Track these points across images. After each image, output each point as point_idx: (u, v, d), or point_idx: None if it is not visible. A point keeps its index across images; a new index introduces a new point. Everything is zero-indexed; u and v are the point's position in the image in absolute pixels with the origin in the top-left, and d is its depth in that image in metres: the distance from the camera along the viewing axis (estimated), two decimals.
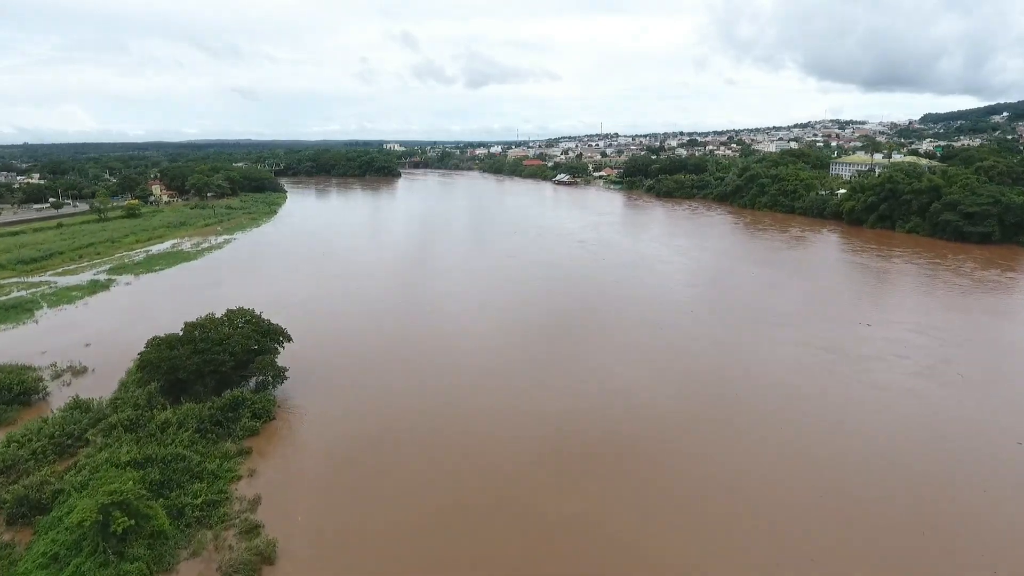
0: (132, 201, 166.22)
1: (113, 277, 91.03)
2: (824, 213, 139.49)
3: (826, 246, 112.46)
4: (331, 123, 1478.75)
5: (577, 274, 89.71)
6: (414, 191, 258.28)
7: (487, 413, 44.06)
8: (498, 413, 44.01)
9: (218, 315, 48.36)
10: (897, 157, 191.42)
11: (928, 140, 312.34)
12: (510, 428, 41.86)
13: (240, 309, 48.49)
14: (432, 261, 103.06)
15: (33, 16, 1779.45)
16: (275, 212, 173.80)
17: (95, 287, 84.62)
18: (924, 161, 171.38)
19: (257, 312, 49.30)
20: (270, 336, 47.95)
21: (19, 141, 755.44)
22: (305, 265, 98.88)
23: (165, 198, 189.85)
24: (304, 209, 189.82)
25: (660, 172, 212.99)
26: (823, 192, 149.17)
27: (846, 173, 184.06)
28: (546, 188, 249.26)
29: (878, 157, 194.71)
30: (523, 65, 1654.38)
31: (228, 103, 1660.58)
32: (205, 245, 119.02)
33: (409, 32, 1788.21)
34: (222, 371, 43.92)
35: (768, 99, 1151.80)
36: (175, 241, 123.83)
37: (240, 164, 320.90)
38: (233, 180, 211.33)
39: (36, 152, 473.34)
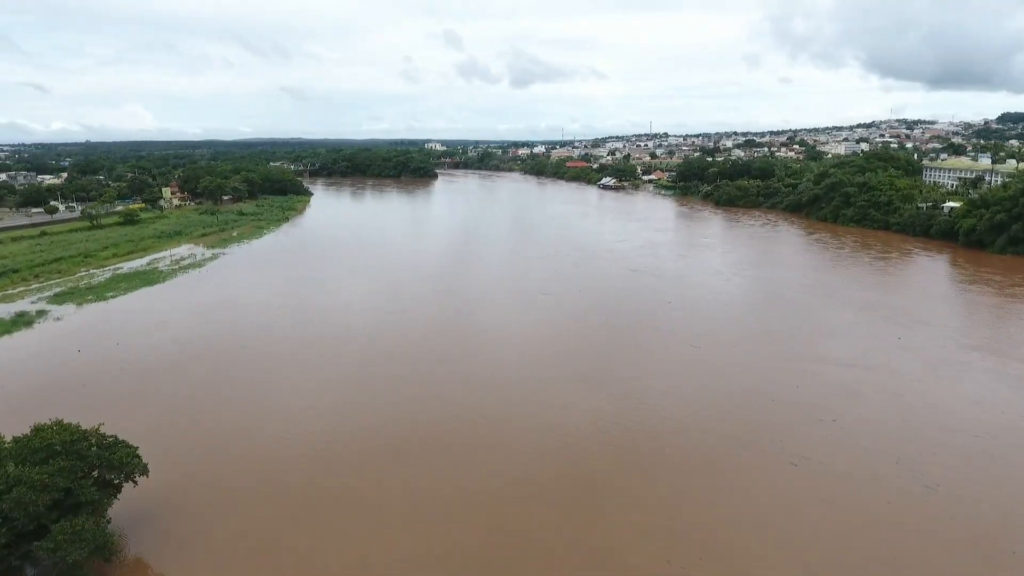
0: (133, 206, 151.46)
1: (51, 307, 73.98)
2: (930, 231, 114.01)
3: (977, 285, 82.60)
4: (380, 122, 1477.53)
5: (633, 327, 64.61)
6: (448, 195, 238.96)
7: None
8: None
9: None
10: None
11: (1014, 141, 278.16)
12: None
13: (60, 424, 28.83)
14: (444, 300, 78.03)
15: (98, 20, 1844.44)
16: (288, 219, 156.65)
17: (17, 323, 67.49)
18: None
19: (96, 426, 29.73)
20: (106, 469, 28.33)
21: (83, 139, 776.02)
22: (289, 295, 79.91)
23: (176, 202, 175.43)
24: (321, 216, 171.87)
25: (719, 177, 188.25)
26: (923, 205, 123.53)
27: (947, 181, 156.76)
28: (590, 193, 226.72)
29: (985, 161, 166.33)
30: (569, 64, 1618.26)
31: (278, 103, 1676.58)
32: (187, 261, 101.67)
33: (453, 31, 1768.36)
34: None
35: (826, 98, 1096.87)
36: (156, 255, 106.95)
37: (278, 164, 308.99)
38: (252, 182, 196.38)
39: (95, 150, 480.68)
